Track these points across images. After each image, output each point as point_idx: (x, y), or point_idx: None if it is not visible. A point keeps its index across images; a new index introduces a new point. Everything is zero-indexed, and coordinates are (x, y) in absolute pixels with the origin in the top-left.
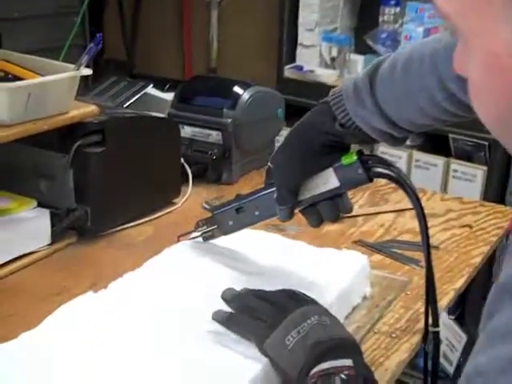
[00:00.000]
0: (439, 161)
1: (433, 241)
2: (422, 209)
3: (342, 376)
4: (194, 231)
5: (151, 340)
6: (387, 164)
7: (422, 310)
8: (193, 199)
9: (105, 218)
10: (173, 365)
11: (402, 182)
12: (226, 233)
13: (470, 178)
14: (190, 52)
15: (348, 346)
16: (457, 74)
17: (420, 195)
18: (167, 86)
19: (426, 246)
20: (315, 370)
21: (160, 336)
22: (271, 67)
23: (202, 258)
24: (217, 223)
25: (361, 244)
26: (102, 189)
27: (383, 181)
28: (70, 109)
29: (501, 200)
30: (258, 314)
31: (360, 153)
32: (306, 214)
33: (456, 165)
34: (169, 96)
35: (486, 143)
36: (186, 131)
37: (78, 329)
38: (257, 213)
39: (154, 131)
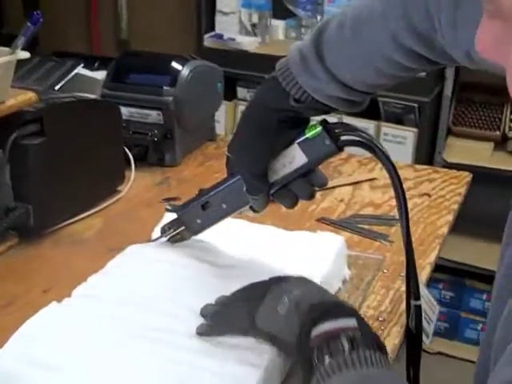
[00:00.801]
0: (370, 125)
1: (395, 213)
2: (398, 177)
3: (351, 337)
4: (160, 237)
5: (135, 351)
6: (355, 130)
7: (403, 288)
8: (137, 184)
9: (48, 215)
10: (167, 375)
11: (374, 147)
12: (195, 233)
13: (401, 140)
14: (97, 23)
15: (346, 307)
16: (409, 26)
17: (372, 165)
18: (96, 63)
19: (405, 219)
20: (315, 332)
21: (144, 344)
22: (189, 37)
23: (171, 255)
24: (184, 224)
25: (325, 222)
26: (43, 183)
27: None
28: (6, 98)
29: (429, 160)
30: (240, 302)
31: (324, 122)
32: (277, 197)
33: (386, 128)
34: (100, 75)
35: (416, 105)
36: (123, 112)
37: (49, 349)
38: (224, 206)
39: (93, 115)
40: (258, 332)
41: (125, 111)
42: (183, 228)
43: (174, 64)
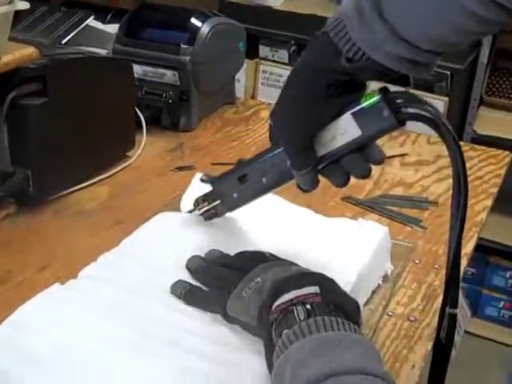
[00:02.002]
0: None
1: (428, 195)
2: (464, 168)
3: (307, 306)
4: (192, 210)
5: (143, 353)
6: (420, 102)
7: (437, 282)
8: (148, 150)
9: (49, 182)
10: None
11: (441, 125)
12: (231, 208)
13: None
14: None
15: (315, 275)
16: None
17: (403, 138)
18: (109, 16)
19: (460, 220)
20: (277, 303)
21: (156, 346)
22: None
23: (195, 236)
24: (219, 197)
25: (350, 201)
26: (44, 147)
27: None
28: (2, 53)
29: (459, 132)
30: (222, 283)
31: (384, 90)
32: (327, 173)
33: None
34: (112, 28)
35: (448, 72)
36: (136, 70)
37: (44, 342)
38: (264, 180)
39: (103, 74)
40: (230, 319)
41: (138, 69)
42: (218, 202)
43: (194, 20)
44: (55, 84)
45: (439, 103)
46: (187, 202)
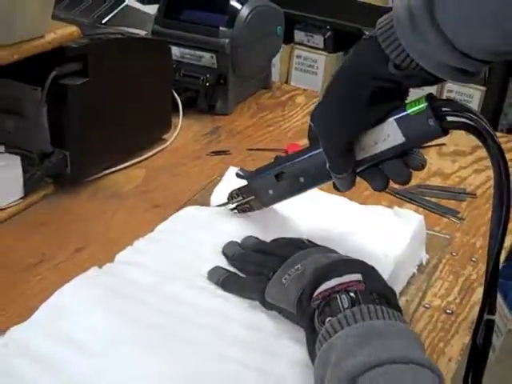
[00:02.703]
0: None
1: (466, 186)
2: (508, 179)
3: (351, 294)
4: (227, 203)
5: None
6: (466, 110)
7: (474, 276)
8: (184, 134)
9: (87, 163)
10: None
11: (487, 136)
12: (265, 204)
13: (467, 98)
14: None
15: (356, 263)
16: None
17: None
18: None
19: (502, 232)
20: (319, 290)
21: (192, 331)
22: None
23: (230, 224)
24: (254, 193)
25: (387, 191)
26: (83, 128)
27: None
28: (46, 31)
29: (494, 122)
30: (260, 269)
31: (430, 98)
32: (366, 177)
33: (452, 84)
34: (152, 9)
35: None
36: (174, 52)
37: (83, 325)
38: (302, 179)
39: (142, 55)
40: (268, 305)
41: (176, 51)
42: (253, 197)
43: (233, 2)
44: (96, 64)
45: (476, 93)
46: (217, 196)
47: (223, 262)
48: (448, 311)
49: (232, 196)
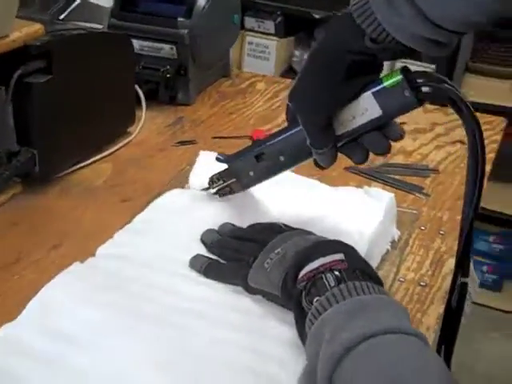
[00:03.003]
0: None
1: (428, 162)
2: (482, 146)
3: (335, 273)
4: (208, 188)
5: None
6: (441, 81)
7: (443, 248)
8: (148, 126)
9: (55, 160)
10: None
11: (462, 106)
12: (246, 186)
13: None
14: None
15: (336, 243)
16: None
17: None
18: None
19: (477, 198)
20: (303, 272)
21: (179, 319)
22: None
23: (204, 208)
24: (234, 176)
25: (353, 171)
26: (50, 125)
27: None
28: (10, 30)
29: None
30: (239, 255)
31: (405, 70)
32: (346, 151)
33: (402, 63)
34: (107, 2)
35: None
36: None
37: (73, 319)
38: (282, 158)
39: (104, 49)
40: (252, 289)
41: (134, 44)
42: (234, 180)
43: None
44: (59, 61)
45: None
46: (195, 179)
47: (203, 250)
48: (422, 283)
49: (213, 180)
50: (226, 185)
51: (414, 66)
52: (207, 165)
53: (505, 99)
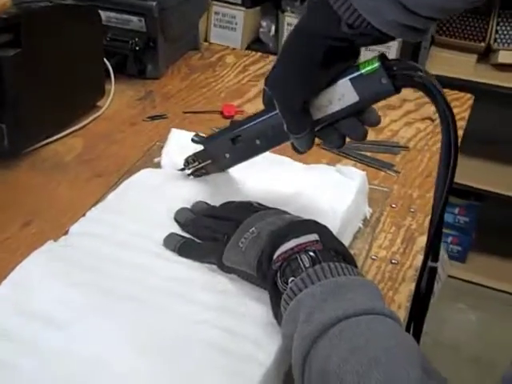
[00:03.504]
0: None
1: (398, 139)
2: (456, 135)
3: (310, 253)
4: (183, 169)
5: (145, 306)
6: (416, 69)
7: (414, 226)
8: (118, 99)
9: (24, 135)
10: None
11: (436, 93)
12: (222, 168)
13: (385, 50)
14: None
15: (310, 223)
16: None
17: None
18: None
19: (448, 185)
20: (278, 252)
21: (155, 297)
22: None
23: (177, 186)
24: (210, 157)
25: (325, 148)
26: (18, 99)
27: None
28: None
29: None
30: (214, 234)
31: (383, 57)
32: (323, 136)
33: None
34: None
35: None
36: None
37: (48, 298)
38: (258, 142)
39: (72, 22)
40: (226, 268)
41: (102, 15)
42: (209, 162)
43: None
44: (28, 34)
45: (393, 44)
46: (167, 159)
47: (177, 228)
48: (393, 261)
49: (188, 161)
50: (202, 166)
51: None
52: (178, 143)
53: (470, 73)
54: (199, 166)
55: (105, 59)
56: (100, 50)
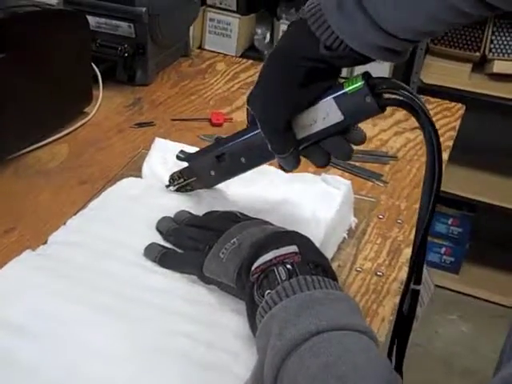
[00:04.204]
0: None
1: (387, 149)
2: (439, 153)
3: (287, 266)
4: (168, 186)
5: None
6: (401, 88)
7: (401, 237)
8: (106, 106)
9: (8, 140)
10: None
11: (420, 113)
12: (207, 185)
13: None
14: None
15: (291, 234)
16: None
17: None
18: None
19: (433, 204)
20: (256, 264)
21: (134, 309)
22: None
23: (160, 195)
24: (195, 174)
25: None
26: (2, 105)
27: None
28: None
29: (406, 81)
30: (195, 244)
31: (367, 76)
32: (308, 155)
33: None
34: None
35: None
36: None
37: (24, 309)
38: (243, 159)
39: (59, 27)
40: (207, 279)
41: (91, 21)
42: (194, 179)
43: None
44: (13, 39)
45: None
46: (148, 169)
47: (158, 238)
48: (379, 273)
49: (173, 178)
50: (187, 183)
51: None
52: (161, 153)
53: (465, 83)
54: (184, 182)
55: (93, 65)
56: (88, 56)
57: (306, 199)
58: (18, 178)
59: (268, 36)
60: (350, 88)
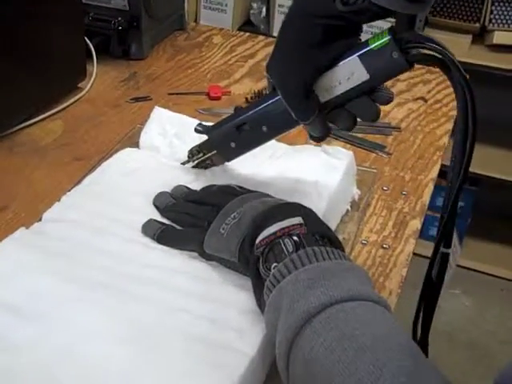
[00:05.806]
0: None
1: (390, 120)
2: (474, 110)
3: (294, 238)
4: (187, 162)
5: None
6: (431, 41)
7: (406, 209)
8: (101, 81)
9: (1, 117)
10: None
11: (452, 66)
12: (228, 158)
13: (377, 31)
14: None
15: (294, 206)
16: None
17: None
18: None
19: (465, 169)
20: (260, 237)
21: (133, 286)
22: None
23: (156, 169)
24: (215, 148)
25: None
26: None
27: None
28: None
29: None
30: (194, 220)
31: (393, 30)
32: (333, 118)
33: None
34: None
35: None
36: None
37: (17, 288)
38: (264, 128)
39: (50, 0)
40: (207, 256)
41: None
42: (214, 152)
43: None
44: (2, 11)
45: (386, 25)
46: (146, 137)
47: (155, 213)
48: (385, 246)
49: (192, 153)
50: (207, 157)
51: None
52: (160, 123)
53: (465, 54)
54: (204, 157)
55: (87, 39)
56: (80, 30)
57: (307, 171)
58: (12, 155)
59: (264, 10)
60: (376, 44)
